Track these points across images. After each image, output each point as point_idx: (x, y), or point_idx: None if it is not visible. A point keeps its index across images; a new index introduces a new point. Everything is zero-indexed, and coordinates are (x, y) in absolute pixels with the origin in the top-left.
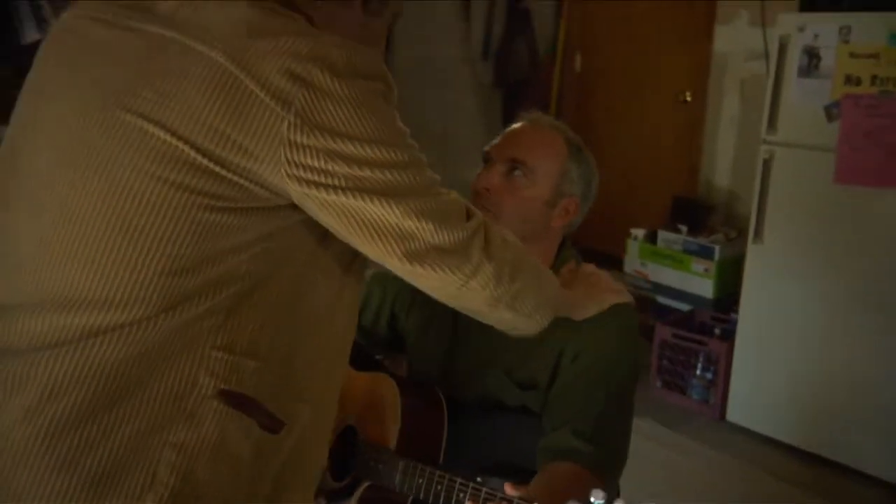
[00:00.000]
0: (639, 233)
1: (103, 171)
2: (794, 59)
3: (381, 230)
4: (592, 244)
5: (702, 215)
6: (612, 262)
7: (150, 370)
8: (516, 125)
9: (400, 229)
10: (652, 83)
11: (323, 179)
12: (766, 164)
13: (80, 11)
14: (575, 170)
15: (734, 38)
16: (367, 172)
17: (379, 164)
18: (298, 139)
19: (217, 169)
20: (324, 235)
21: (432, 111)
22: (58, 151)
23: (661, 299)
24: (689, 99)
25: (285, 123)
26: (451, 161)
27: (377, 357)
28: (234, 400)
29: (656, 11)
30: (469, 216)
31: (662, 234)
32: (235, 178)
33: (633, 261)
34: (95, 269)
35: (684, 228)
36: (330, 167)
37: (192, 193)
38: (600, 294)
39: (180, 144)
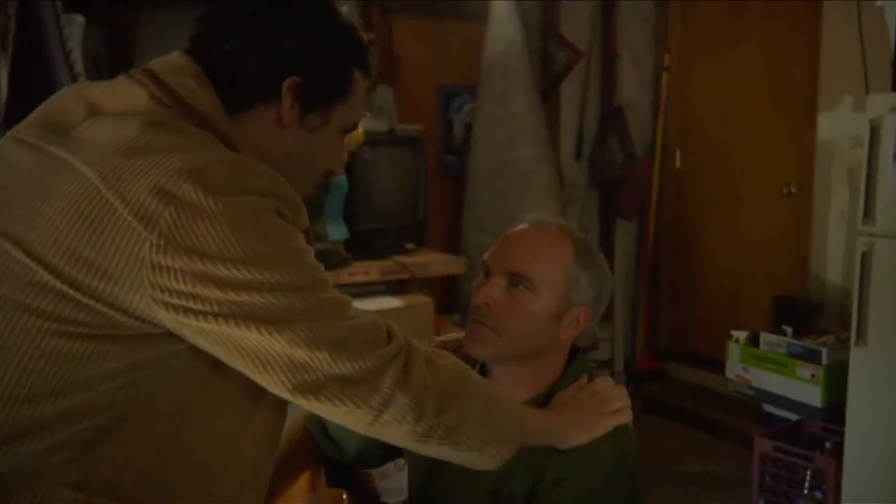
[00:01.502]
0: (740, 335)
1: None
2: (889, 143)
3: (266, 360)
4: (691, 347)
5: (808, 315)
6: (713, 365)
7: (8, 496)
8: (517, 229)
9: (289, 359)
10: (754, 177)
11: (193, 305)
12: (866, 257)
13: (13, 132)
14: (584, 277)
15: (838, 125)
16: (243, 297)
17: (258, 287)
18: (162, 261)
19: (73, 293)
20: (220, 364)
21: (511, 215)
22: None
23: (767, 407)
24: (793, 191)
25: (147, 244)
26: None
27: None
28: None
29: (757, 104)
30: (389, 340)
31: (765, 337)
32: (94, 304)
33: (734, 365)
34: None
35: (789, 330)
36: (199, 291)
37: (46, 319)
38: (595, 419)
39: (36, 266)
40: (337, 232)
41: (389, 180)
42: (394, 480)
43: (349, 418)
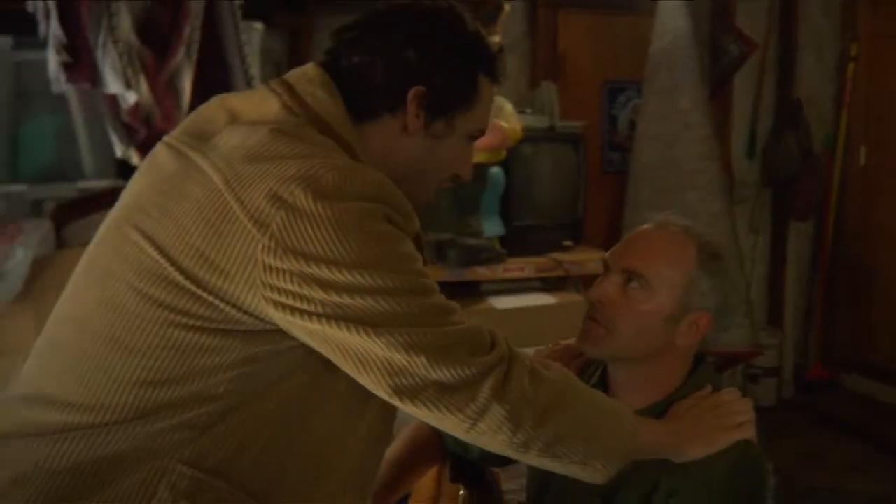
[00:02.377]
0: None
1: (101, 280)
2: None
3: (365, 361)
4: (870, 357)
5: None
6: (893, 378)
7: (112, 473)
8: (641, 229)
9: (387, 362)
10: None
11: (299, 304)
12: None
13: (168, 136)
14: (706, 281)
15: None
16: (345, 299)
17: (360, 291)
18: (272, 262)
19: (195, 289)
20: (330, 361)
21: (674, 213)
22: (87, 257)
23: None
24: None
25: (259, 245)
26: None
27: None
28: None
29: None
30: (492, 348)
31: None
32: (213, 300)
33: None
34: (75, 372)
35: None
36: (305, 292)
37: (170, 311)
38: (714, 432)
39: (164, 262)
40: (492, 228)
41: (548, 177)
42: (521, 482)
43: (445, 424)
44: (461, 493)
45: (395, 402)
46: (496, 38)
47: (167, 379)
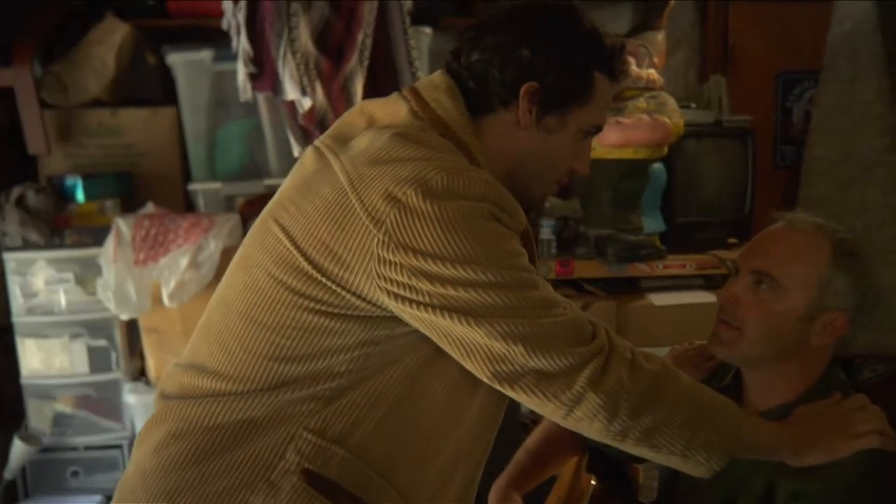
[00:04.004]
0: None
1: (247, 267)
2: None
3: (468, 348)
4: None
5: None
6: None
7: (248, 434)
8: (769, 228)
9: (488, 349)
10: None
11: (409, 294)
12: None
13: (318, 139)
14: (840, 280)
15: None
16: (449, 291)
17: (464, 284)
18: (386, 255)
19: (320, 277)
20: (440, 347)
21: (851, 209)
22: (241, 247)
23: None
24: None
25: (375, 240)
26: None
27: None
28: (315, 481)
29: None
30: (593, 339)
31: None
32: (335, 288)
33: None
34: (222, 346)
35: None
36: (414, 283)
37: (300, 296)
38: (835, 439)
39: (296, 252)
40: (653, 224)
41: (713, 172)
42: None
43: (544, 409)
44: (592, 483)
45: (496, 385)
46: (660, 35)
47: (296, 356)
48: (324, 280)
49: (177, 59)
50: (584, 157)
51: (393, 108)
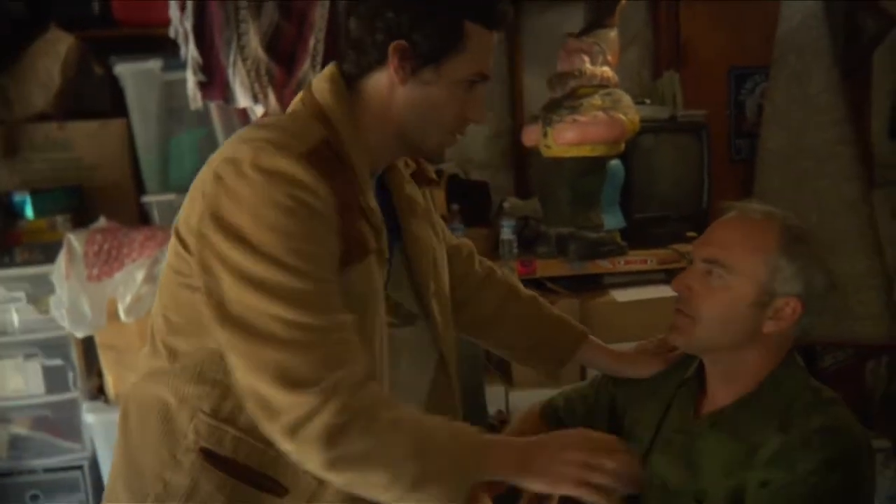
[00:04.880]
0: None
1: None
2: None
3: (223, 312)
4: None
5: None
6: None
7: (170, 413)
8: (721, 218)
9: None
10: None
11: (197, 256)
12: None
13: None
14: (789, 265)
15: None
16: (220, 259)
17: (242, 251)
18: (202, 224)
19: (182, 251)
20: None
21: (806, 201)
22: None
23: None
24: None
25: (199, 210)
26: (826, 253)
27: None
28: (212, 458)
29: None
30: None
31: None
32: (190, 259)
33: None
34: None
35: None
36: (201, 248)
37: (176, 273)
38: (560, 476)
39: (175, 239)
40: (613, 220)
41: (670, 167)
42: None
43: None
44: None
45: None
46: (613, 32)
47: (181, 330)
48: (184, 253)
49: (125, 70)
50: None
51: (295, 101)
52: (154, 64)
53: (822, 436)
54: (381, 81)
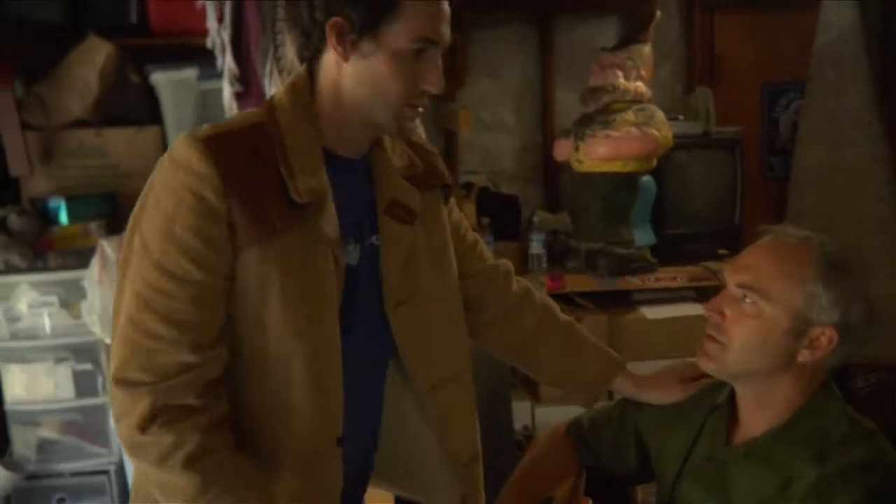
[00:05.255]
0: None
1: None
2: None
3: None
4: None
5: None
6: None
7: None
8: (756, 243)
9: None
10: None
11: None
12: None
13: None
14: (825, 294)
15: None
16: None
17: (136, 232)
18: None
19: None
20: None
21: (842, 219)
22: None
23: None
24: None
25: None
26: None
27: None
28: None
29: None
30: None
31: None
32: None
33: None
34: None
35: None
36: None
37: None
38: None
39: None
40: (643, 237)
41: (702, 184)
42: None
43: None
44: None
45: None
46: (647, 47)
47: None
48: None
49: (161, 78)
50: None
51: None
52: (190, 73)
53: (862, 470)
54: (329, 62)
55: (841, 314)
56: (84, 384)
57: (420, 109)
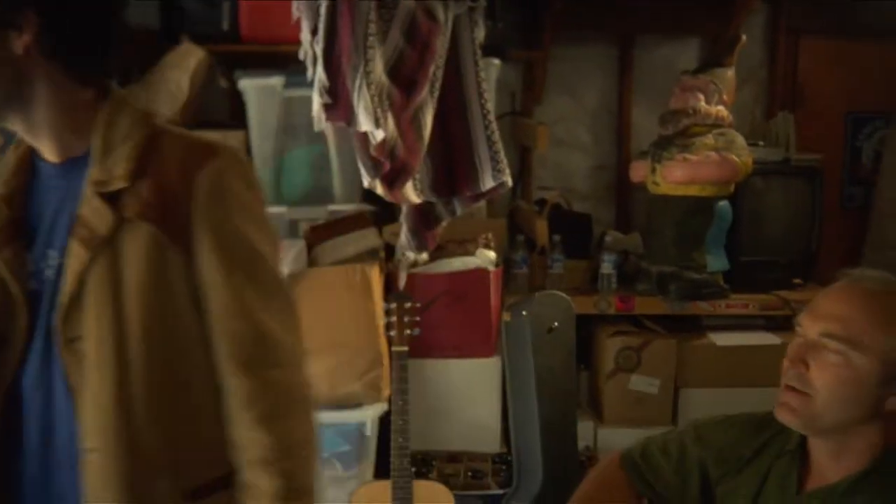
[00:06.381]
0: None
1: None
2: None
3: None
4: None
5: None
6: None
7: None
8: (834, 286)
9: None
10: None
11: None
12: None
13: None
14: None
15: None
16: None
17: None
18: None
19: None
20: None
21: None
22: None
23: None
24: None
25: None
26: None
27: None
28: None
29: None
30: None
31: None
32: None
33: None
34: None
35: None
36: None
37: None
38: None
39: None
40: (717, 262)
41: (780, 211)
42: None
43: None
44: None
45: None
46: (730, 71)
47: None
48: None
49: (248, 84)
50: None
51: None
52: (276, 80)
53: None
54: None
55: None
56: None
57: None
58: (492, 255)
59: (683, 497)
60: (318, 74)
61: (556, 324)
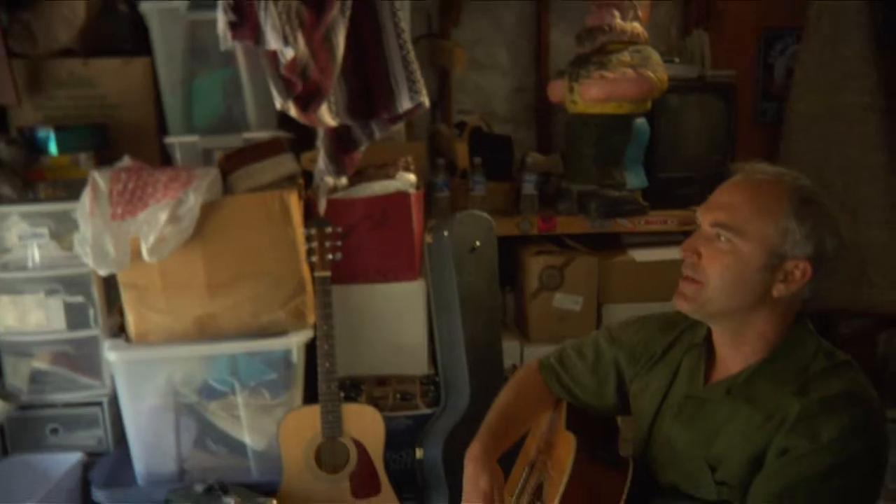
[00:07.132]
0: None
1: None
2: None
3: None
4: None
5: None
6: None
7: None
8: (728, 181)
9: None
10: None
11: None
12: None
13: None
14: (798, 228)
15: None
16: None
17: None
18: None
19: None
20: None
21: (833, 167)
22: None
23: None
24: None
25: None
26: (850, 220)
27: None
28: None
29: None
30: None
31: None
32: None
33: None
34: None
35: None
36: None
37: None
38: None
39: None
40: (636, 180)
41: (696, 128)
42: None
43: None
44: (572, 439)
45: None
46: None
47: None
48: None
49: (149, 8)
50: None
51: None
52: (179, 3)
53: (844, 401)
54: None
55: (814, 247)
56: (75, 316)
57: None
58: (412, 178)
59: (600, 397)
60: None
61: (477, 243)
